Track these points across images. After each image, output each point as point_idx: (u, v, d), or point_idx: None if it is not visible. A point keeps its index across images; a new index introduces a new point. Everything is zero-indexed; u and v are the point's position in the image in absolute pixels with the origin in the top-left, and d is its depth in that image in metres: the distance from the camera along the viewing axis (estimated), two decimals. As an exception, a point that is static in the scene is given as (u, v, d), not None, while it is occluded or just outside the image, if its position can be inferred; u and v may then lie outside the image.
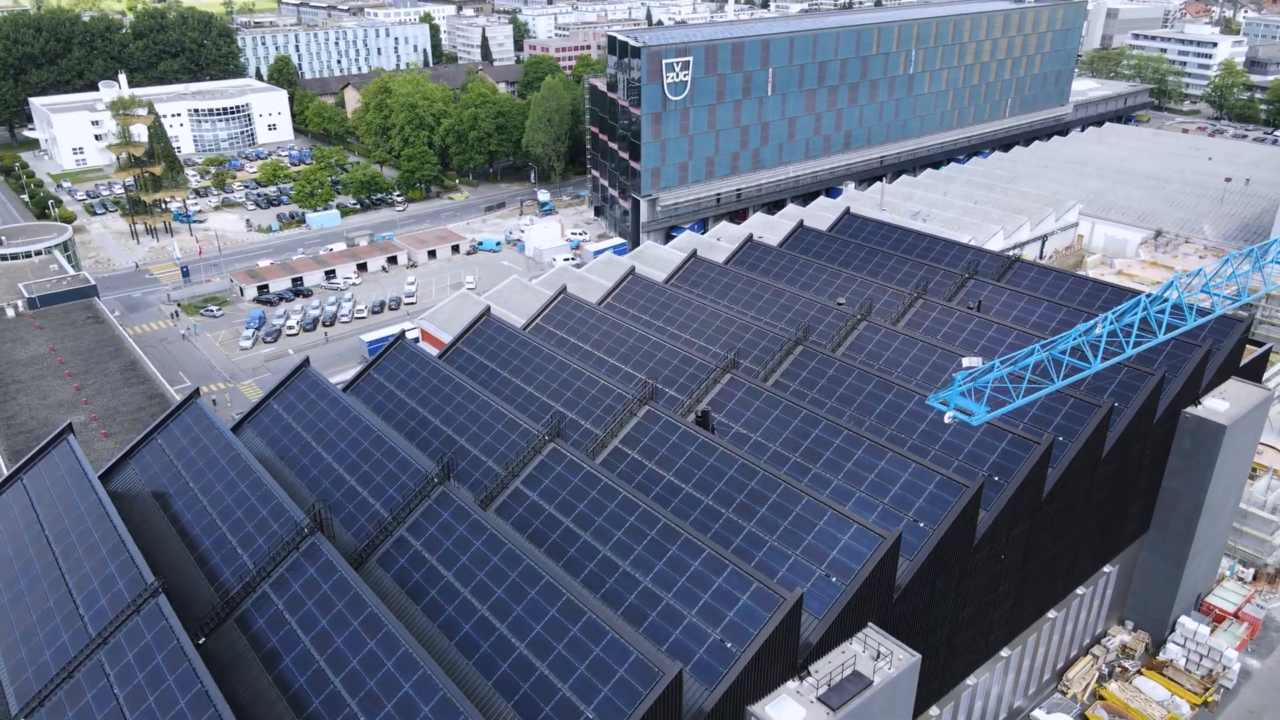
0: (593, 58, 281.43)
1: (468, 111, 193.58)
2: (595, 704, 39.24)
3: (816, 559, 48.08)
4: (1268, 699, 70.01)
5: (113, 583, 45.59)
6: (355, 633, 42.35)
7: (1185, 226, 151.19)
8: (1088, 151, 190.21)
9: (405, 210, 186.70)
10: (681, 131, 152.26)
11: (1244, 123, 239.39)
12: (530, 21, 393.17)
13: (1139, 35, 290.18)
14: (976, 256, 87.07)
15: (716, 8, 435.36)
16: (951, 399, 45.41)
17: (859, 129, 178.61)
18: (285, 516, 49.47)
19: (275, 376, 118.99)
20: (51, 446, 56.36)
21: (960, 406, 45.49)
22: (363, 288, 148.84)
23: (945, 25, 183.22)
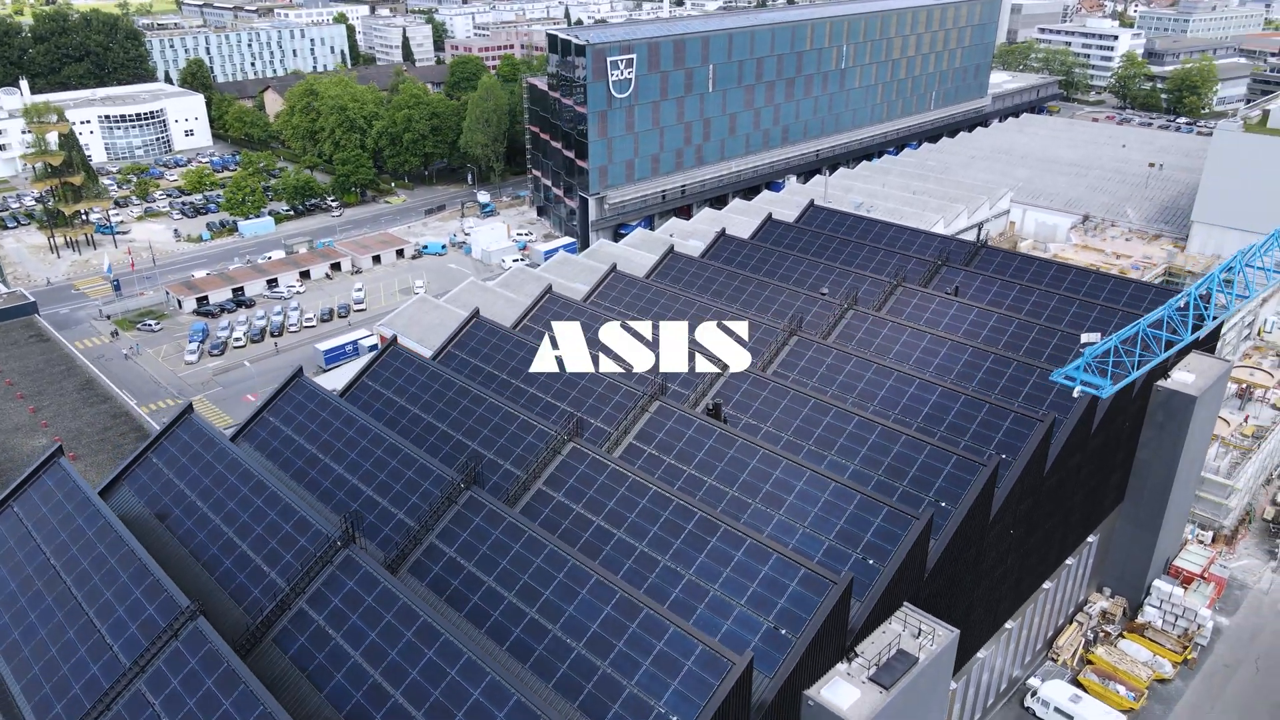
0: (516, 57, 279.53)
1: (401, 113, 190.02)
2: (666, 699, 39.27)
3: (850, 543, 48.99)
4: (1239, 654, 74.09)
5: (140, 608, 43.52)
6: (410, 643, 41.42)
7: (1110, 211, 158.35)
8: (1011, 141, 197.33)
9: (341, 215, 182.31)
10: (627, 129, 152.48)
11: (1147, 111, 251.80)
12: (448, 21, 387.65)
13: (1045, 29, 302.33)
14: (944, 243, 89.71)
15: (634, 6, 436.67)
16: (1078, 375, 48.47)
17: (795, 123, 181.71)
18: (312, 530, 48.02)
19: (226, 391, 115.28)
20: (42, 471, 53.41)
21: (1087, 381, 48.81)
22: (307, 296, 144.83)
23: (873, 21, 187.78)
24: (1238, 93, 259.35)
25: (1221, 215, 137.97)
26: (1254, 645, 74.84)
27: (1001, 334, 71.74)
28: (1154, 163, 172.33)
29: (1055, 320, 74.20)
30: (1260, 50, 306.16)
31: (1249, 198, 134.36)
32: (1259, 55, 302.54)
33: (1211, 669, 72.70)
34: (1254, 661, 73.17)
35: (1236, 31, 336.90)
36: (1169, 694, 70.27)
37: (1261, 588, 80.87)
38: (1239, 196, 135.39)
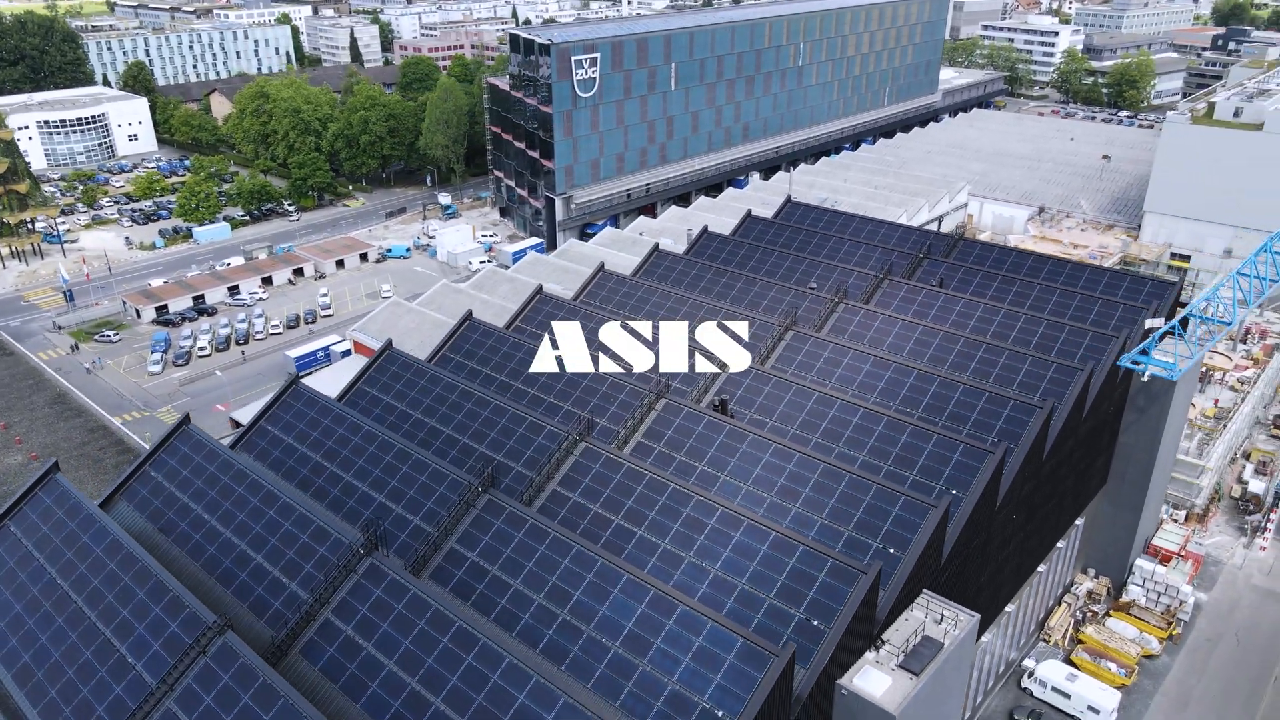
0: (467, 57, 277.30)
1: (357, 115, 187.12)
2: (710, 693, 39.38)
3: (870, 533, 49.64)
4: (1219, 627, 76.72)
5: (161, 625, 42.30)
6: (447, 649, 40.94)
7: (1064, 202, 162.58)
8: (964, 136, 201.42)
9: (299, 220, 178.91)
10: (592, 128, 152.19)
11: (1090, 105, 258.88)
12: (394, 21, 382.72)
13: (988, 26, 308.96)
14: (923, 236, 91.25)
15: (581, 5, 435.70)
16: (1148, 359, 50.66)
17: (756, 121, 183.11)
18: (331, 539, 47.16)
19: (194, 401, 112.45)
20: (37, 488, 51.58)
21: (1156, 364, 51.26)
22: (271, 302, 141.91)
23: (828, 18, 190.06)
24: (1174, 86, 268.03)
25: (1172, 205, 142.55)
26: (1233, 619, 77.53)
27: (989, 324, 73.22)
28: (1107, 155, 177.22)
29: (1038, 309, 75.94)
30: (1191, 45, 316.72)
31: (1198, 188, 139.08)
32: (1190, 49, 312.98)
33: (1195, 643, 75.16)
34: (1234, 635, 75.80)
35: (1167, 27, 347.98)
36: (1157, 669, 72.48)
37: (1235, 563, 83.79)
38: (1188, 187, 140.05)
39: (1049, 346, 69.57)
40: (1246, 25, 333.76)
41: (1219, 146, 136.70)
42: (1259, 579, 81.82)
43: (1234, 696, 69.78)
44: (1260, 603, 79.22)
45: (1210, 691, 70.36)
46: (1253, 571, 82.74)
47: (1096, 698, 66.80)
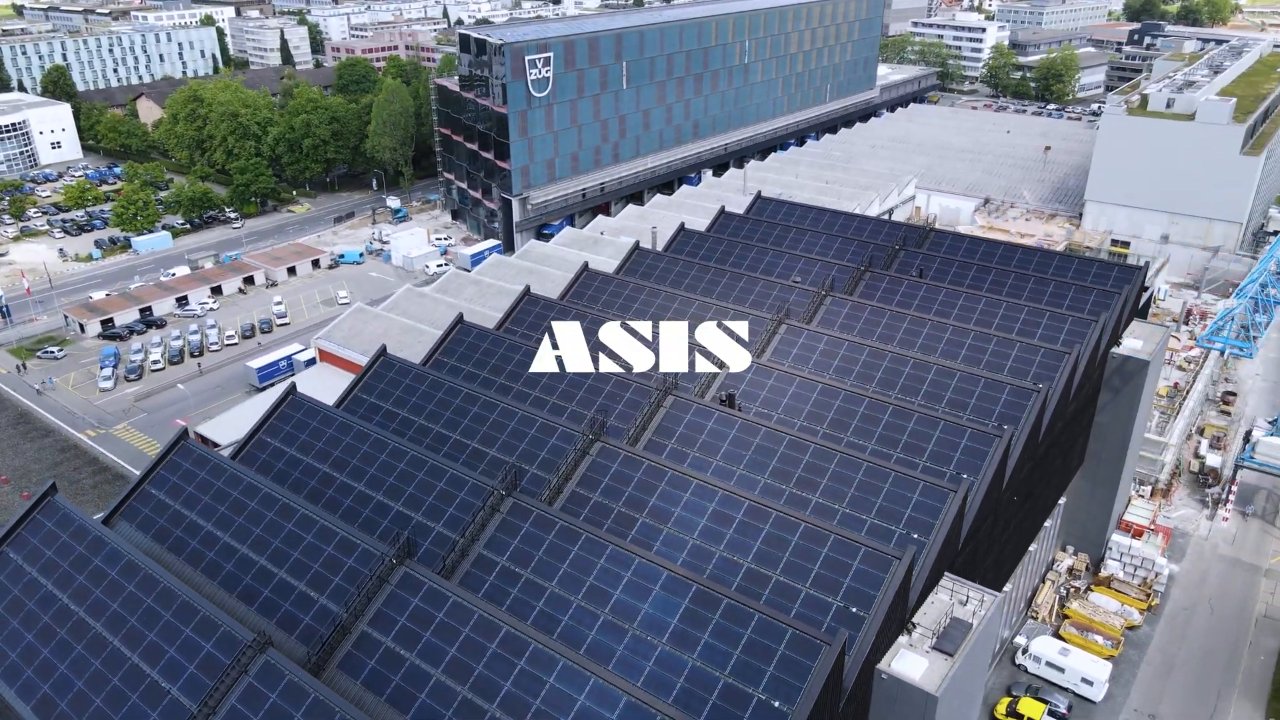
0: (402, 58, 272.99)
1: (299, 118, 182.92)
2: (764, 685, 39.67)
3: (892, 519, 50.54)
4: (1193, 596, 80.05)
5: (194, 646, 40.85)
6: (496, 655, 40.44)
7: (1008, 193, 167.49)
8: (905, 130, 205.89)
9: (243, 227, 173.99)
10: (547, 128, 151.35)
11: (1019, 99, 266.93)
12: (322, 22, 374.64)
13: (918, 23, 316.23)
14: (894, 228, 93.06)
15: (513, 5, 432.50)
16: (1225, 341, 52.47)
17: (705, 118, 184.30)
18: (360, 549, 46.15)
19: (152, 417, 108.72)
20: (35, 511, 49.29)
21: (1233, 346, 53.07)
22: (222, 312, 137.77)
23: (772, 16, 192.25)
24: (1096, 80, 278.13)
25: (1112, 193, 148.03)
26: (1204, 588, 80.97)
27: (971, 312, 75.04)
28: (1048, 146, 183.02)
29: (1016, 296, 78.17)
30: (1108, 40, 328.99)
31: (1135, 177, 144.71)
32: (1106, 44, 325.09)
33: (1172, 613, 78.30)
34: (1207, 603, 79.19)
35: (1084, 22, 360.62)
36: (1139, 639, 75.30)
37: (1201, 534, 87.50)
38: (1126, 176, 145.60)
39: (1032, 332, 71.67)
40: (1157, 20, 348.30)
41: (1154, 136, 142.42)
42: (1224, 549, 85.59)
43: (1214, 662, 72.90)
44: (1228, 571, 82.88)
45: (1191, 658, 73.39)
46: (1218, 542, 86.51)
47: (1089, 670, 69.14)
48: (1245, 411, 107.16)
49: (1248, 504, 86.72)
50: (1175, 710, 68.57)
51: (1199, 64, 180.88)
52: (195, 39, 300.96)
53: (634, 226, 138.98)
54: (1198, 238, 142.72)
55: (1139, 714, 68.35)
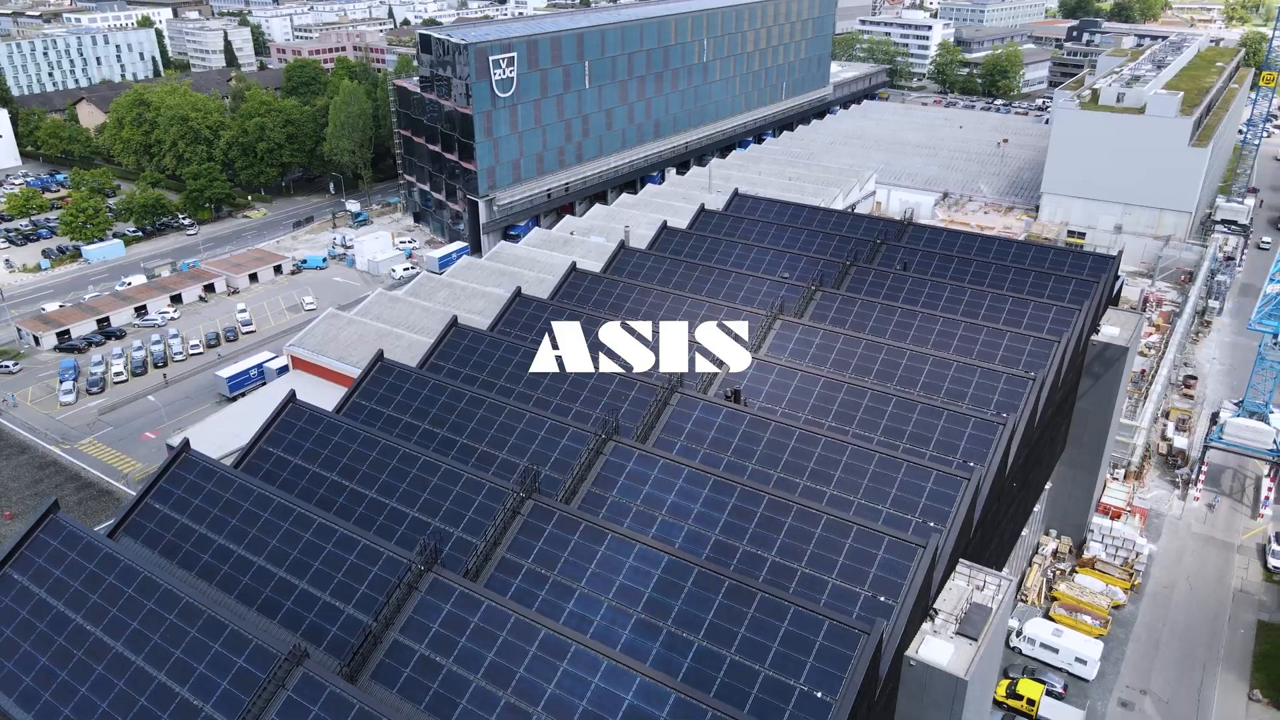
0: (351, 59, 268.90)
1: (252, 121, 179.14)
2: (805, 676, 40.03)
3: (908, 509, 51.32)
4: (1172, 574, 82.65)
5: (225, 662, 39.84)
6: (538, 658, 40.15)
7: (965, 187, 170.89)
8: (861, 127, 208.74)
9: (198, 234, 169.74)
10: (512, 128, 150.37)
11: (966, 94, 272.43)
12: (264, 23, 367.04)
13: (865, 21, 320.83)
14: (873, 222, 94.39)
15: (459, 4, 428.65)
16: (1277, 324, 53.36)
17: (666, 117, 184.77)
18: (385, 557, 45.45)
19: (119, 430, 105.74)
20: (37, 529, 47.60)
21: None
22: (183, 321, 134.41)
23: (729, 15, 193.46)
24: (1040, 75, 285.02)
25: (1067, 185, 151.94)
26: (1181, 566, 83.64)
27: (958, 303, 76.51)
28: (1005, 139, 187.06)
29: (998, 286, 79.83)
30: (1045, 36, 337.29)
31: (1089, 169, 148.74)
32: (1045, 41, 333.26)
33: (1153, 591, 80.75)
34: (1186, 580, 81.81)
35: (1023, 20, 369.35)
36: (1124, 618, 77.51)
37: (1174, 514, 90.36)
38: (1081, 168, 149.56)
39: (1018, 321, 73.32)
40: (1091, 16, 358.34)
41: (1106, 130, 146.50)
42: (1198, 527, 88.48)
43: (1197, 636, 75.35)
44: (1202, 549, 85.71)
45: (1175, 634, 75.76)
46: (1191, 521, 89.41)
47: (1082, 649, 70.98)
48: (1205, 394, 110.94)
49: (1214, 497, 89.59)
50: (1164, 685, 70.74)
51: (1143, 59, 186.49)
52: (134, 41, 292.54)
53: (603, 226, 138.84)
54: (1150, 227, 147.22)
55: (1131, 690, 70.37)
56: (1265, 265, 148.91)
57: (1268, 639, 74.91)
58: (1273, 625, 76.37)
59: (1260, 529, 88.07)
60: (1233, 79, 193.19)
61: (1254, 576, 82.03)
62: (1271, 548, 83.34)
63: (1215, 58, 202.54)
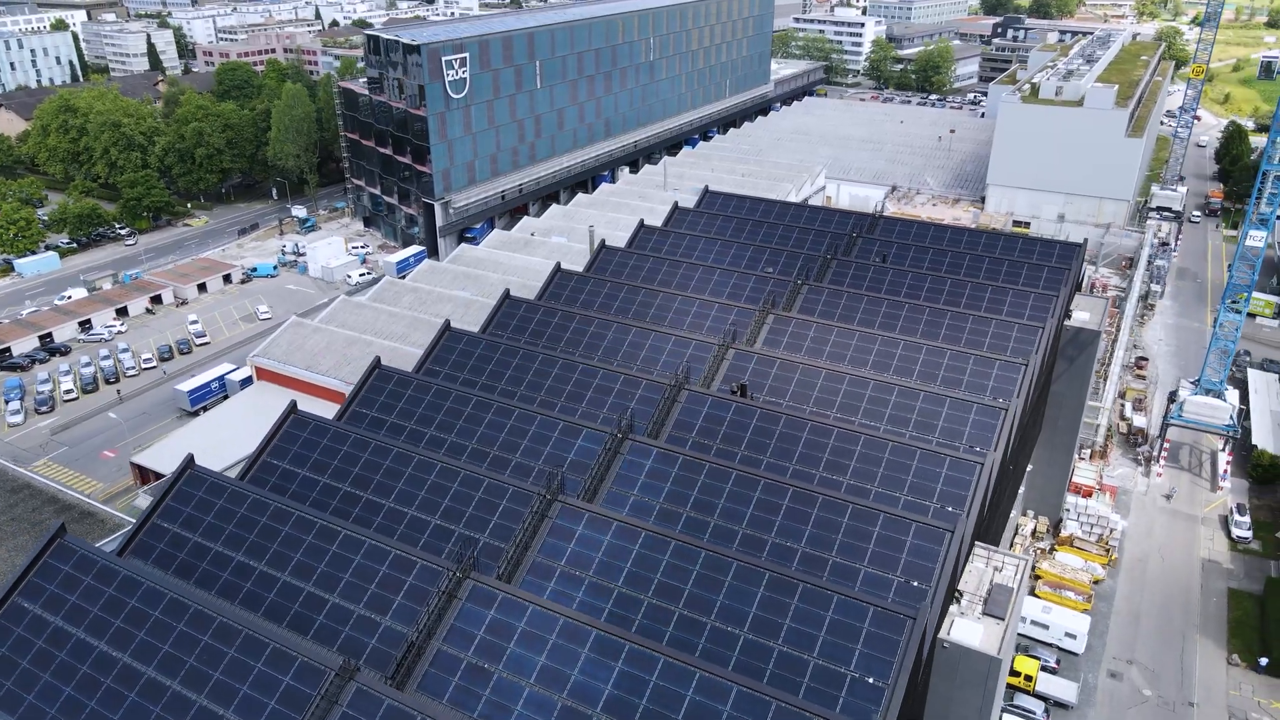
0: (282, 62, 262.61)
1: (189, 126, 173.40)
2: (855, 663, 40.61)
3: (926, 495, 52.41)
4: (1143, 548, 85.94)
5: (271, 682, 38.67)
6: (593, 660, 39.93)
7: (912, 180, 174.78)
8: (804, 123, 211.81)
9: (137, 244, 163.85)
10: (465, 130, 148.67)
11: (901, 90, 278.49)
12: (185, 25, 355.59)
13: (799, 19, 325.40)
14: (845, 216, 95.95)
15: (388, 5, 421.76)
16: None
17: (615, 116, 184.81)
18: (419, 566, 44.64)
19: (75, 450, 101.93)
20: (45, 554, 45.53)
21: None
22: (131, 334, 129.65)
23: (673, 13, 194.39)
24: (970, 70, 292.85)
25: (1011, 177, 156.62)
26: (1152, 540, 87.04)
27: (939, 293, 78.29)
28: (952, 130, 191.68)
29: (974, 275, 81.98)
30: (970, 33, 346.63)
31: (1032, 161, 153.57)
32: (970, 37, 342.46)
33: (1129, 565, 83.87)
34: (1158, 553, 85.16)
35: (949, 17, 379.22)
36: (1105, 592, 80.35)
37: (1140, 490, 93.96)
38: (1024, 160, 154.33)
39: (999, 308, 75.37)
40: (1011, 13, 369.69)
41: (1047, 123, 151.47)
42: (1163, 502, 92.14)
43: (1174, 606, 78.54)
44: (1170, 522, 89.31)
45: (1154, 605, 78.82)
46: (1156, 496, 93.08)
47: (1071, 624, 73.38)
48: (1157, 375, 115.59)
49: (1171, 488, 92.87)
50: (1149, 654, 73.56)
51: (1073, 54, 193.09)
52: (50, 45, 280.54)
53: (563, 226, 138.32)
54: (1091, 216, 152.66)
55: (1118, 661, 73.00)
56: (1199, 249, 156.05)
57: (1238, 606, 78.47)
58: (1242, 592, 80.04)
59: (1220, 501, 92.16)
60: (1156, 72, 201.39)
61: (1220, 547, 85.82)
62: (1234, 519, 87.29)
63: (1139, 52, 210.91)
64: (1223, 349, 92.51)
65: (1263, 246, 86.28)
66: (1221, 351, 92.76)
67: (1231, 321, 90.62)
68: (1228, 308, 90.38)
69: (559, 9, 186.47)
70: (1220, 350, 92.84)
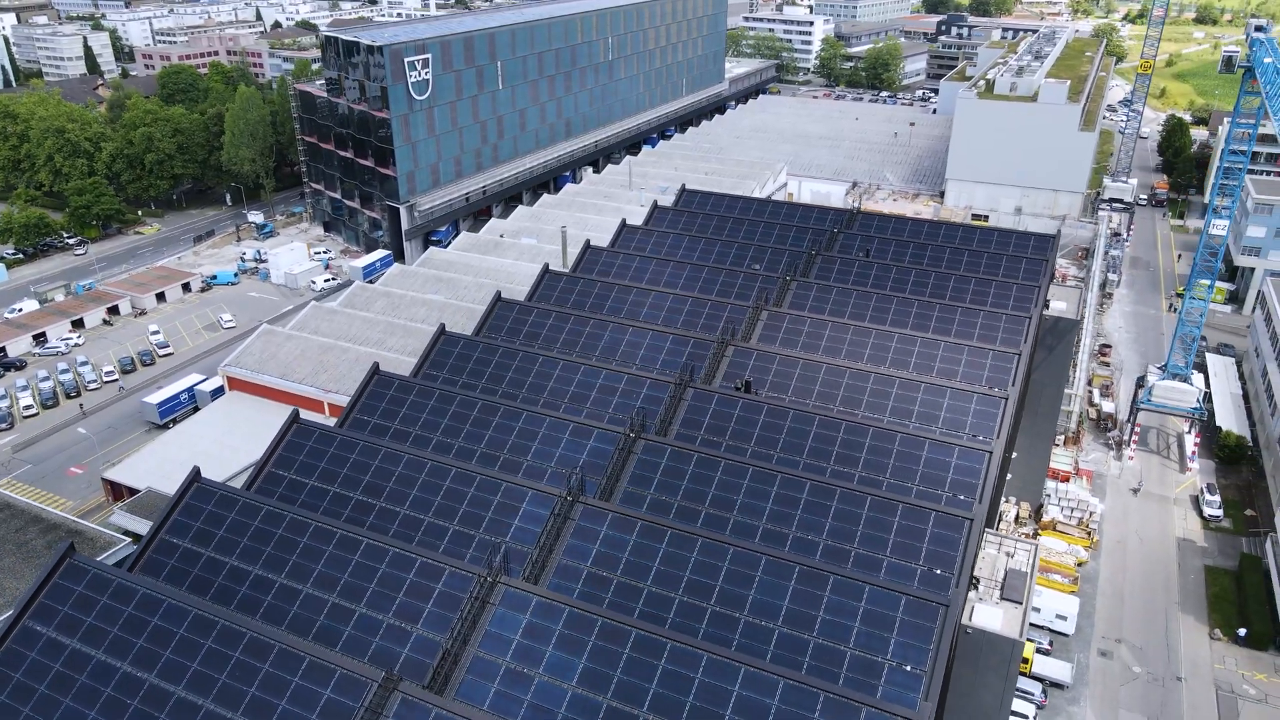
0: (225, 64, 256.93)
1: (138, 132, 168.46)
2: (891, 651, 41.17)
3: (937, 485, 53.32)
4: (1121, 530, 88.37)
5: (310, 695, 37.85)
6: (634, 660, 39.86)
7: (872, 175, 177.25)
8: (762, 121, 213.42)
9: (87, 253, 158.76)
10: (429, 131, 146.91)
11: (852, 87, 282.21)
12: (120, 27, 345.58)
13: (749, 18, 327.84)
14: (822, 212, 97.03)
15: (331, 5, 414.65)
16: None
17: (576, 116, 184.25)
18: (447, 572, 44.12)
19: (39, 468, 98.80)
20: (54, 575, 43.98)
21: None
22: (90, 347, 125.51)
23: (630, 13, 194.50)
24: (918, 68, 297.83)
25: (970, 171, 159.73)
26: (1128, 522, 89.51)
27: (924, 286, 79.68)
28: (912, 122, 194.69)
29: (954, 267, 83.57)
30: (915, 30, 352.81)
31: (989, 155, 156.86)
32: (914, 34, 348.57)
33: (1109, 547, 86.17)
34: (1135, 534, 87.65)
35: (893, 15, 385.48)
36: (1089, 573, 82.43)
37: (1113, 473, 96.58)
38: (982, 154, 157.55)
39: (983, 300, 76.99)
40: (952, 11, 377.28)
41: (1004, 118, 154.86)
42: (1135, 484, 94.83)
43: (1155, 585, 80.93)
44: (1143, 504, 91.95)
45: (1136, 584, 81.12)
46: (1129, 479, 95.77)
47: (1062, 607, 75.12)
48: (1121, 361, 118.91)
49: (1138, 481, 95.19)
50: (1135, 633, 75.69)
51: (1022, 51, 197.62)
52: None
53: (531, 227, 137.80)
54: (1047, 208, 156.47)
55: (1107, 640, 75.00)
56: (1149, 239, 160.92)
57: (1216, 582, 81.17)
58: (1218, 569, 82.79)
59: (1190, 481, 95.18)
60: (1099, 67, 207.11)
61: (1193, 526, 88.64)
62: (1205, 498, 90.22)
63: (1083, 48, 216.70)
64: (1188, 335, 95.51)
65: (1225, 235, 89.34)
66: (1187, 337, 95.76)
67: (1196, 308, 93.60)
68: (1192, 295, 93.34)
69: (515, 9, 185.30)
70: (1186, 336, 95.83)
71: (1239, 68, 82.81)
